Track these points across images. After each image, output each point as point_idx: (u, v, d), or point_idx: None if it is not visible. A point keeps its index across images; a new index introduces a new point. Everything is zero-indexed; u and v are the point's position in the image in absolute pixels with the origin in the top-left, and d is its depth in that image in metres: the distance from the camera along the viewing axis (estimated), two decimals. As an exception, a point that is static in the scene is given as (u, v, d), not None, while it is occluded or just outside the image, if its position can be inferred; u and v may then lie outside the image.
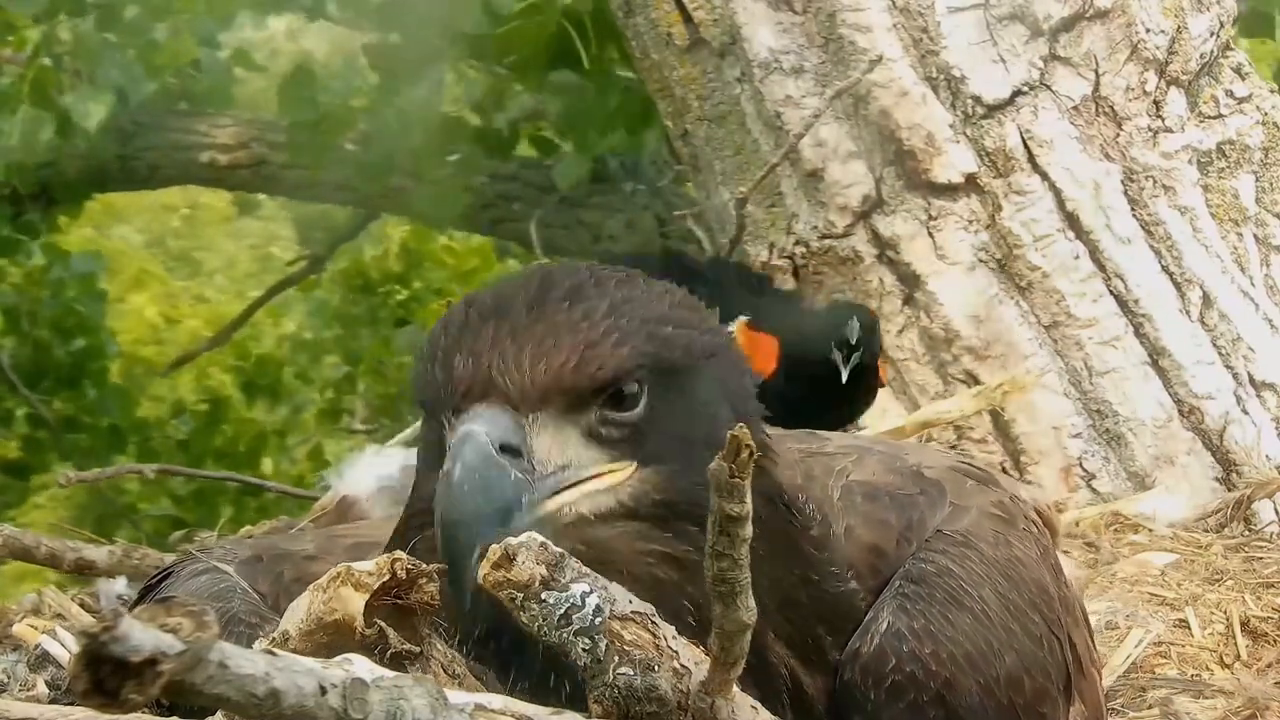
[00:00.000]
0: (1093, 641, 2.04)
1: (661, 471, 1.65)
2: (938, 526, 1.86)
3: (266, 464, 10.04)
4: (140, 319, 13.44)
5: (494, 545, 1.44)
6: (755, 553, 1.49)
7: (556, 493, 1.63)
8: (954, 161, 4.18)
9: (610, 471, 1.65)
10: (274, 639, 1.53)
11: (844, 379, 3.61)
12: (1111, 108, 4.20)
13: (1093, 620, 2.90)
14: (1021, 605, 1.79)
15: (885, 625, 1.71)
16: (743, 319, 3.76)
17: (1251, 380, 4.13)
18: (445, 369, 1.66)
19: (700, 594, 1.53)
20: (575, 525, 1.63)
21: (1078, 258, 4.14)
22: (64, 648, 2.60)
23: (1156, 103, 4.23)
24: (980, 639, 1.72)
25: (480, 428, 1.61)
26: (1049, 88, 4.18)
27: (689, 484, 1.63)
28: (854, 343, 3.59)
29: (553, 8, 6.51)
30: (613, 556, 1.62)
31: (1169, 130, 4.23)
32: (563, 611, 1.42)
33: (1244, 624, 2.97)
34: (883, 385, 3.99)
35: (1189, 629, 2.97)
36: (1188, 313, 4.13)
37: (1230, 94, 4.34)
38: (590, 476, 1.65)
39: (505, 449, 1.61)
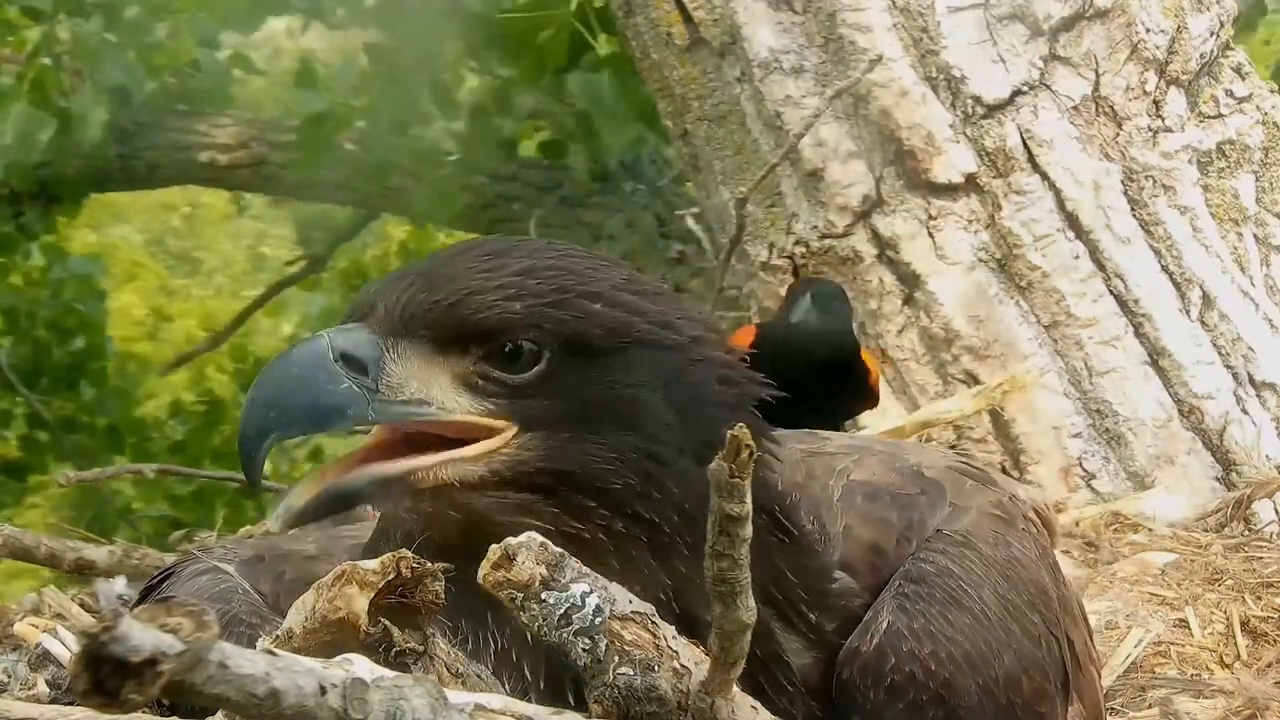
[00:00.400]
0: (1091, 640, 2.04)
1: (548, 442, 1.62)
2: (938, 526, 1.86)
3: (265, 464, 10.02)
4: (127, 316, 13.43)
5: (494, 545, 1.44)
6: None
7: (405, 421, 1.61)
8: (954, 161, 4.18)
9: (481, 424, 1.63)
10: (277, 637, 1.53)
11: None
12: (1111, 107, 4.20)
13: (1093, 620, 2.90)
14: (1020, 605, 1.79)
15: (885, 625, 1.71)
16: None
17: (1251, 380, 4.13)
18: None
19: (593, 567, 1.51)
20: (440, 490, 1.62)
21: (1078, 257, 4.14)
22: (65, 647, 2.60)
23: (1156, 102, 4.23)
24: (980, 639, 1.72)
25: (327, 333, 1.62)
26: (1049, 87, 4.18)
27: (580, 456, 1.62)
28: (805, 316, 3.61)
29: (559, 5, 6.50)
30: (489, 526, 1.60)
31: (1169, 130, 4.23)
32: (563, 611, 1.42)
33: (1244, 624, 2.97)
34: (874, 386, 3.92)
35: (1189, 629, 2.97)
36: (1188, 312, 4.13)
37: (1230, 94, 4.34)
38: (455, 422, 1.63)
39: (347, 359, 1.60)
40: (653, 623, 1.46)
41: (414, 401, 1.63)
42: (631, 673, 1.43)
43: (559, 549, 1.45)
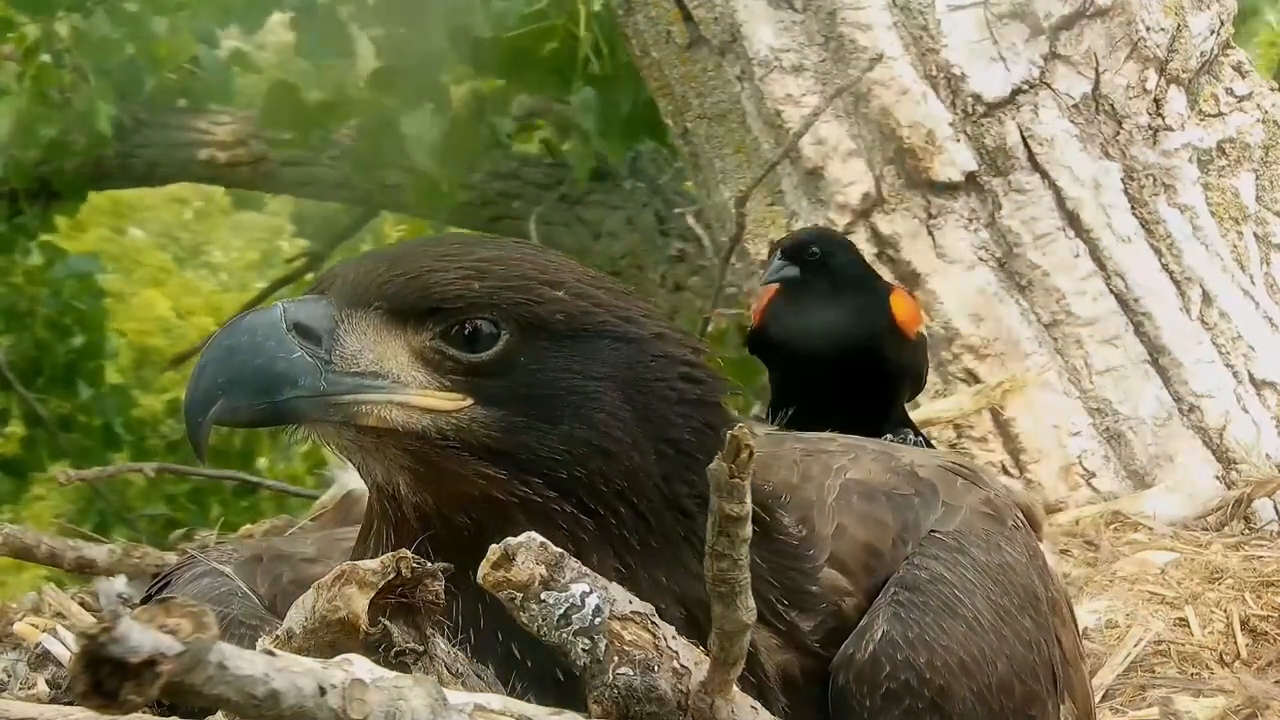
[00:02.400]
0: (1079, 638, 2.06)
1: (500, 423, 1.61)
2: (931, 528, 1.86)
3: (262, 462, 10.04)
4: (149, 312, 13.42)
5: (493, 545, 1.43)
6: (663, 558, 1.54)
7: (359, 393, 1.60)
8: (954, 160, 4.18)
9: (436, 399, 1.62)
10: (277, 637, 1.52)
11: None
12: (1112, 106, 4.20)
13: (1093, 619, 2.91)
14: (1012, 610, 1.80)
15: (881, 633, 1.72)
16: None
17: (1251, 378, 4.13)
18: None
19: (543, 533, 1.50)
20: (384, 432, 1.61)
21: (1078, 256, 4.14)
22: (65, 647, 2.59)
23: (1157, 101, 4.23)
24: (973, 646, 1.73)
25: (281, 303, 1.61)
26: (1049, 86, 4.18)
27: (529, 443, 1.60)
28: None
29: (561, 16, 6.49)
30: (435, 471, 1.61)
31: (1169, 128, 4.23)
32: (562, 611, 1.42)
33: (1244, 623, 2.97)
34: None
35: (1189, 628, 2.97)
36: (1188, 311, 4.13)
37: (1230, 92, 4.34)
38: (408, 402, 1.61)
39: (300, 328, 1.59)
40: (653, 623, 1.46)
41: (368, 374, 1.61)
42: (631, 673, 1.43)
43: (559, 549, 1.45)
